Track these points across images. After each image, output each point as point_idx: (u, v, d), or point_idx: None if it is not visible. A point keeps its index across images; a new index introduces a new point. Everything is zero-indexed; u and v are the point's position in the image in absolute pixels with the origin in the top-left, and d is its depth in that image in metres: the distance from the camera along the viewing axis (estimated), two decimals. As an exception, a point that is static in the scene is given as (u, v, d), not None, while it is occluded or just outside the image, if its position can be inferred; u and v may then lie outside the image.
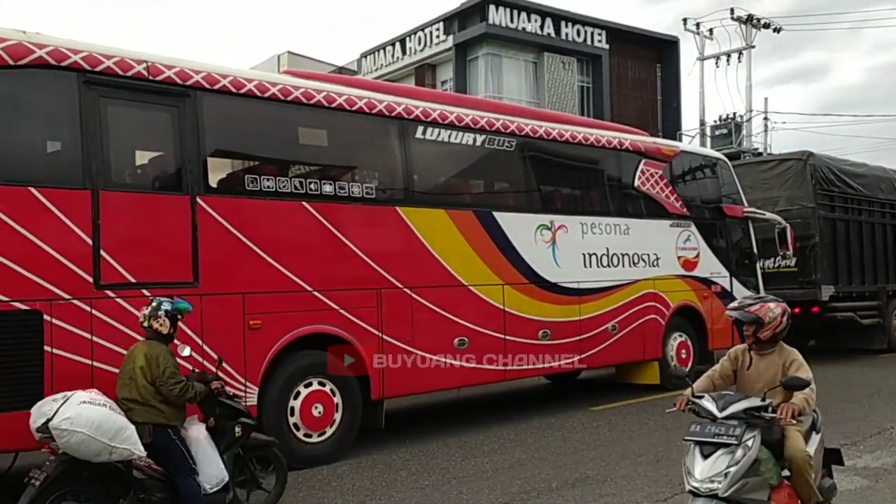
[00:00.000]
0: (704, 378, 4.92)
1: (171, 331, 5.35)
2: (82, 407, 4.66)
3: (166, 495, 5.04)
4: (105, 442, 4.62)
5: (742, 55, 29.33)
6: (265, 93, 7.17)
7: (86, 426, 4.56)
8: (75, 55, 6.08)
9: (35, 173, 5.97)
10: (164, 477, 5.07)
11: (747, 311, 4.63)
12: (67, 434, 4.56)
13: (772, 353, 4.67)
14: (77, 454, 4.65)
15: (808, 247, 13.73)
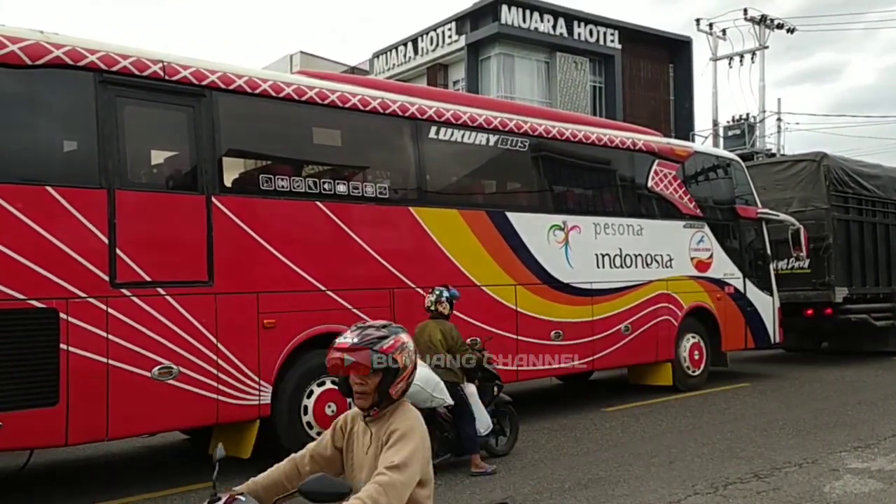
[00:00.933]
0: (286, 462, 2.93)
1: (450, 311, 7.16)
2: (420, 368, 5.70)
3: (453, 435, 6.88)
4: (429, 392, 6.16)
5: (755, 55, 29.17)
6: (280, 93, 7.19)
7: (420, 380, 5.54)
8: (92, 55, 6.12)
9: (52, 172, 6.01)
10: (452, 421, 6.88)
11: (376, 351, 2.60)
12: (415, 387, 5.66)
13: (383, 417, 2.69)
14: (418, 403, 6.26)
15: (822, 248, 13.64)
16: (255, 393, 6.75)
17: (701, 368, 11.23)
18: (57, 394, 5.72)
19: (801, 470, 6.60)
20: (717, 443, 7.75)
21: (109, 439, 6.22)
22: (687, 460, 7.08)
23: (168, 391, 6.27)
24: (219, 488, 2.70)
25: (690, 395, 10.69)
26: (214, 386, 6.53)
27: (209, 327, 6.53)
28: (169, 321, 6.32)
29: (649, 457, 7.25)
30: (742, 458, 7.11)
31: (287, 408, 7.01)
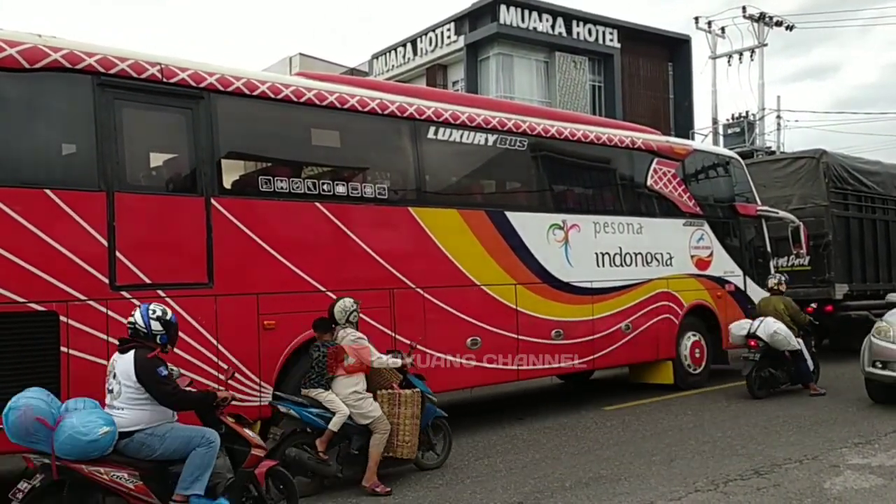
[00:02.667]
0: None
1: (786, 289, 10.79)
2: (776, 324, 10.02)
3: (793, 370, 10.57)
4: (788, 340, 10.07)
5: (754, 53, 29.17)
6: (278, 94, 7.21)
7: (783, 331, 10.05)
8: (90, 58, 6.13)
9: (51, 175, 6.03)
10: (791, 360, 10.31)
11: None
12: (778, 336, 9.97)
13: None
14: (778, 346, 10.03)
15: (822, 245, 13.64)
16: (255, 394, 6.76)
17: (702, 366, 11.23)
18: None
19: (802, 466, 6.61)
20: (718, 440, 7.76)
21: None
22: (687, 458, 7.09)
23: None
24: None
25: (691, 394, 10.69)
26: (215, 388, 6.52)
27: (209, 329, 6.54)
28: (169, 323, 6.32)
29: (650, 455, 7.25)
30: (742, 455, 7.11)
31: (288, 409, 7.00)
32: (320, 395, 6.32)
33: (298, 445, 6.18)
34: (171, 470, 4.81)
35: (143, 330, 4.93)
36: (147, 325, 4.93)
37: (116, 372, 4.89)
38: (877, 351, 9.03)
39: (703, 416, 9.18)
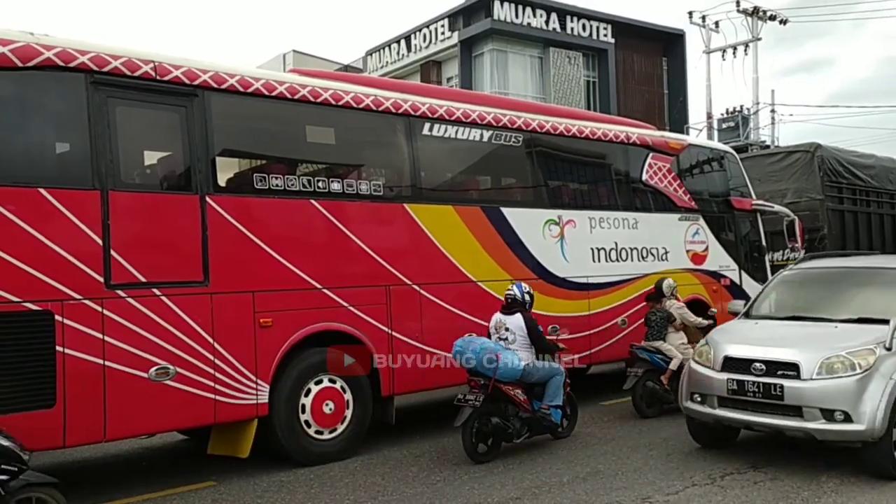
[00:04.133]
0: None
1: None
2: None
3: None
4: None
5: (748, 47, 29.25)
6: (272, 91, 7.18)
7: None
8: (83, 56, 6.10)
9: (44, 174, 5.99)
10: None
11: None
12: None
13: None
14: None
15: (817, 239, 13.68)
16: (252, 392, 6.75)
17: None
18: (54, 396, 5.72)
19: (799, 459, 6.62)
20: (715, 434, 7.77)
21: (107, 441, 6.21)
22: (685, 452, 7.10)
23: (165, 392, 6.27)
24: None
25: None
26: (212, 386, 6.53)
27: (206, 327, 6.52)
28: (165, 322, 6.32)
29: (647, 449, 7.27)
30: (739, 449, 7.13)
31: (285, 406, 7.01)
32: (661, 346, 9.11)
33: (651, 380, 8.96)
34: (536, 390, 7.47)
35: (521, 299, 7.55)
36: (522, 296, 7.56)
37: (509, 326, 7.41)
38: (695, 380, 6.98)
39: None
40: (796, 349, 6.42)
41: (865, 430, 5.89)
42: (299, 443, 7.06)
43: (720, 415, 6.71)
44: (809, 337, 6.75)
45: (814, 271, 8.12)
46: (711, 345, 7.06)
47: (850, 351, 6.17)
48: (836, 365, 6.11)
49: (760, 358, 6.48)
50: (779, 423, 6.31)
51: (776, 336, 6.98)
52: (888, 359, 6.10)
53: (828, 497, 5.66)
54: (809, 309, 7.40)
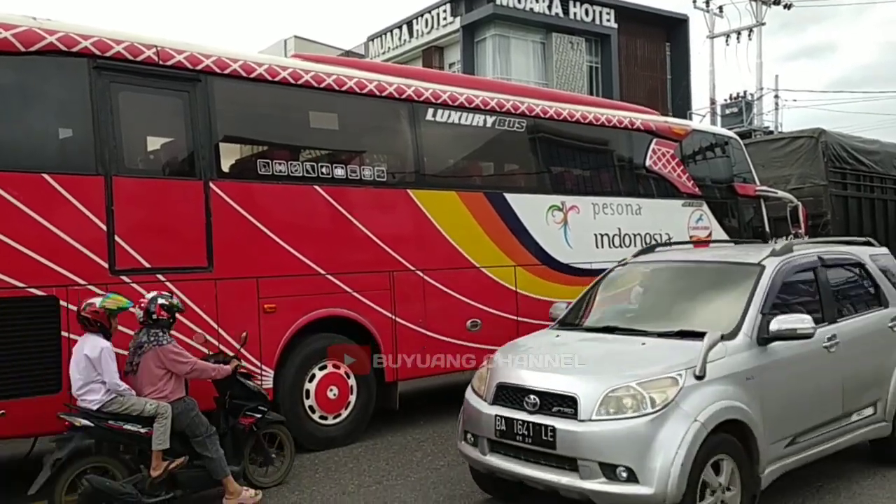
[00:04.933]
0: None
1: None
2: None
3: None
4: None
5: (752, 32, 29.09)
6: (275, 77, 7.16)
7: None
8: (85, 41, 6.08)
9: (48, 160, 5.99)
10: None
11: None
12: None
13: None
14: None
15: (820, 225, 13.64)
16: (256, 377, 6.77)
17: (701, 346, 11.23)
18: (59, 381, 5.73)
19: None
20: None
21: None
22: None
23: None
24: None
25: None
26: (216, 371, 6.54)
27: (210, 313, 6.54)
28: (169, 307, 6.32)
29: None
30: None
31: (289, 392, 7.03)
32: None
33: None
34: None
35: None
36: None
37: None
38: (467, 413, 5.35)
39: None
40: (577, 376, 4.77)
41: (655, 495, 4.23)
42: (304, 428, 7.09)
43: (491, 463, 4.97)
44: (603, 358, 5.15)
45: (649, 267, 6.54)
46: (491, 367, 5.32)
47: (644, 380, 4.50)
48: (624, 400, 4.44)
49: (535, 388, 4.79)
50: (553, 481, 4.59)
51: (566, 355, 5.16)
52: (696, 391, 4.46)
53: (831, 483, 5.67)
54: (629, 316, 5.89)
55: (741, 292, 5.26)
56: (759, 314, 5.04)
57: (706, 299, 5.71)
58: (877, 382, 5.87)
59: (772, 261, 5.53)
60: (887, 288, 6.34)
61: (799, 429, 5.14)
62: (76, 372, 5.32)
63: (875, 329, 6.00)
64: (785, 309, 5.20)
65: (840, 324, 5.66)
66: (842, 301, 5.96)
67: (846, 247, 6.59)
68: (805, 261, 5.81)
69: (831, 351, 5.43)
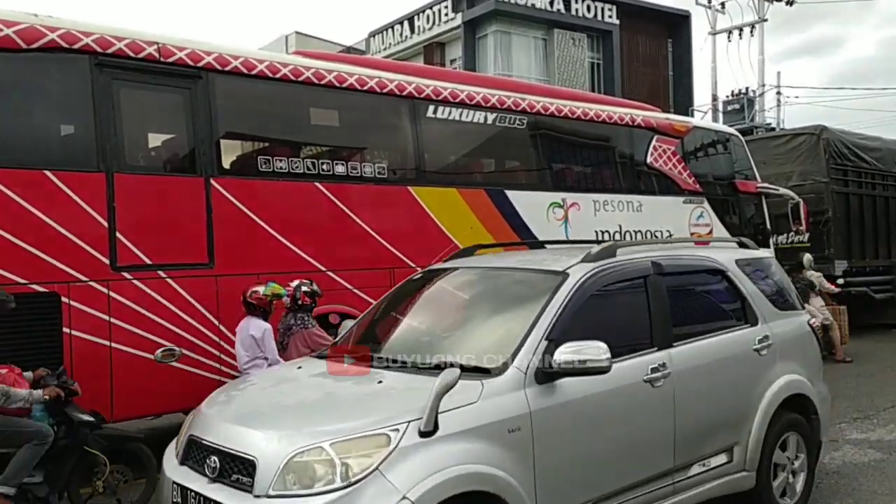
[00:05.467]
0: None
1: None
2: None
3: None
4: None
5: (754, 29, 29.00)
6: (276, 73, 7.17)
7: None
8: (87, 37, 6.09)
9: (50, 156, 6.02)
10: None
11: None
12: None
13: None
14: None
15: (822, 222, 13.66)
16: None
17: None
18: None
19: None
20: (718, 416, 7.79)
21: (114, 421, 6.26)
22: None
23: (171, 373, 6.32)
24: None
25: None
26: (217, 367, 6.58)
27: (211, 309, 6.56)
28: (171, 304, 6.35)
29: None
30: (742, 430, 7.14)
31: (290, 388, 7.04)
32: (806, 308, 8.69)
33: None
34: None
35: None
36: None
37: None
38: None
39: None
40: (264, 430, 3.51)
41: None
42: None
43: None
44: (313, 403, 3.96)
45: (447, 275, 5.05)
46: (200, 407, 4.12)
47: (343, 438, 3.25)
48: (315, 466, 3.20)
49: (217, 445, 3.56)
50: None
51: (276, 397, 4.11)
52: (417, 454, 3.23)
53: (830, 478, 5.70)
54: (396, 341, 4.60)
55: (531, 310, 3.99)
56: (543, 341, 3.75)
57: (494, 318, 4.44)
58: (733, 422, 4.60)
59: (580, 268, 4.23)
60: (757, 301, 5.04)
61: (597, 494, 3.87)
62: (242, 349, 6.08)
63: (734, 354, 4.73)
64: (590, 333, 3.80)
65: (677, 349, 4.36)
66: (686, 319, 4.61)
67: (702, 250, 5.36)
68: (630, 268, 4.47)
69: (657, 385, 4.14)
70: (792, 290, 5.63)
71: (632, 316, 4.46)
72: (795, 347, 5.20)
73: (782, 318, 5.18)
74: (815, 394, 5.17)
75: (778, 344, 4.97)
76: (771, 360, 4.91)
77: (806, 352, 5.31)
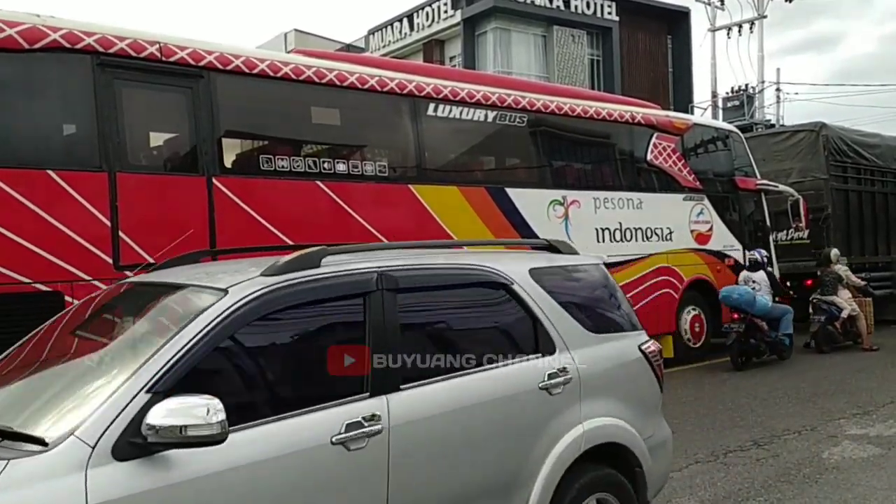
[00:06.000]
0: None
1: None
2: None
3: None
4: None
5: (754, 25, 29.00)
6: (278, 73, 7.19)
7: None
8: (89, 37, 6.11)
9: (53, 156, 6.04)
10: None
11: None
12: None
13: None
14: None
15: (821, 218, 13.69)
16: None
17: (702, 340, 11.32)
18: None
19: (801, 437, 6.70)
20: (718, 412, 7.85)
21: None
22: (688, 430, 7.17)
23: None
24: None
25: (691, 367, 10.77)
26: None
27: (213, 308, 6.57)
28: (173, 302, 6.37)
29: (651, 427, 7.31)
30: (742, 426, 7.21)
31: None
32: (835, 300, 11.79)
33: (829, 325, 11.77)
34: (772, 323, 10.97)
35: (761, 261, 11.05)
36: (762, 258, 11.11)
37: (756, 279, 10.90)
38: None
39: (703, 388, 9.28)
40: None
41: None
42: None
43: None
44: None
45: (101, 296, 3.83)
46: None
47: None
48: None
49: None
50: None
51: None
52: None
53: (829, 474, 5.73)
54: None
55: (147, 347, 2.75)
56: (142, 394, 2.51)
57: (100, 360, 3.03)
58: (498, 491, 3.34)
59: (247, 285, 2.96)
60: (557, 323, 3.76)
61: None
62: None
63: (505, 395, 3.44)
64: (247, 380, 2.99)
65: (405, 394, 3.11)
66: (430, 350, 3.35)
67: (475, 256, 4.00)
68: (337, 283, 3.18)
69: (356, 449, 2.87)
70: (622, 305, 4.35)
71: (330, 350, 3.11)
72: (616, 380, 3.95)
73: (599, 344, 3.91)
74: (637, 441, 3.85)
75: (584, 378, 3.69)
76: (569, 400, 3.62)
77: (634, 385, 4.06)
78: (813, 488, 5.34)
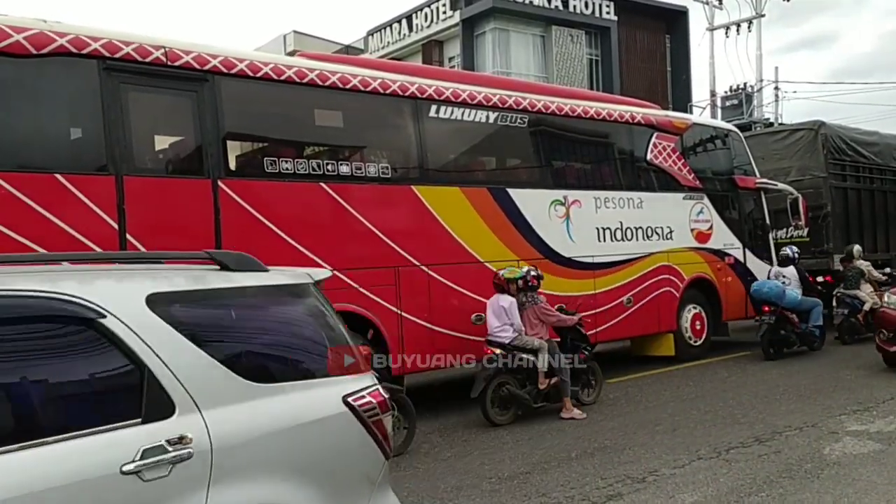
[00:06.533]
0: None
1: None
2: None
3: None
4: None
5: (752, 24, 29.06)
6: (281, 76, 7.26)
7: None
8: (95, 42, 6.18)
9: (60, 160, 6.10)
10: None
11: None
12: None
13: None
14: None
15: (820, 216, 13.74)
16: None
17: (702, 338, 11.38)
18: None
19: (802, 433, 6.76)
20: (719, 410, 7.91)
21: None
22: (690, 427, 7.24)
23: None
24: None
25: (692, 365, 10.84)
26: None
27: (219, 309, 6.63)
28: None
29: (653, 425, 7.40)
30: (744, 423, 7.27)
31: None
32: (857, 294, 12.20)
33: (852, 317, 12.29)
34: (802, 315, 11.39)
35: (792, 256, 11.78)
36: (793, 254, 11.77)
37: (786, 274, 11.48)
38: None
39: (705, 386, 9.34)
40: None
41: None
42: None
43: None
44: None
45: None
46: None
47: None
48: None
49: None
50: None
51: None
52: None
53: (830, 469, 5.79)
54: None
55: None
56: None
57: None
58: None
59: None
60: (186, 372, 2.69)
61: None
62: (493, 317, 7.87)
63: (60, 486, 2.31)
64: None
65: None
66: None
67: (43, 277, 2.81)
68: None
69: None
70: (331, 341, 3.36)
71: None
72: (288, 449, 2.88)
73: (264, 398, 2.87)
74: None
75: (221, 450, 2.64)
76: (182, 487, 2.53)
77: (327, 453, 3.04)
78: (814, 484, 5.40)
